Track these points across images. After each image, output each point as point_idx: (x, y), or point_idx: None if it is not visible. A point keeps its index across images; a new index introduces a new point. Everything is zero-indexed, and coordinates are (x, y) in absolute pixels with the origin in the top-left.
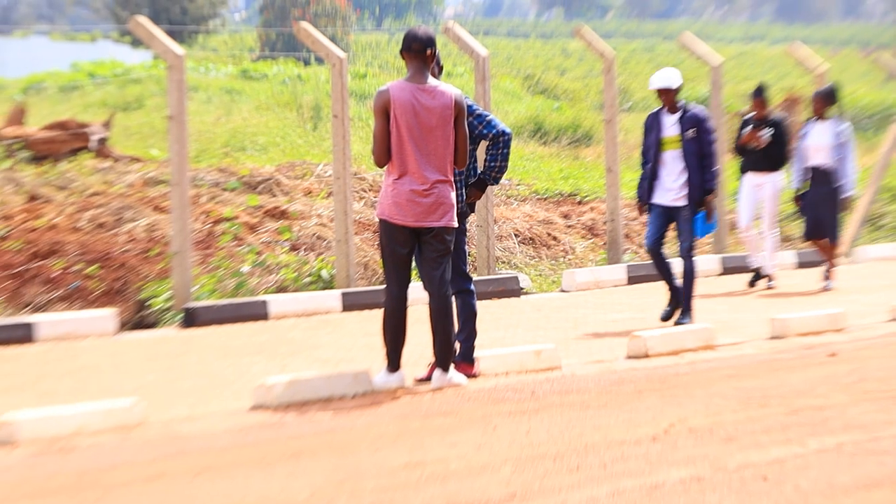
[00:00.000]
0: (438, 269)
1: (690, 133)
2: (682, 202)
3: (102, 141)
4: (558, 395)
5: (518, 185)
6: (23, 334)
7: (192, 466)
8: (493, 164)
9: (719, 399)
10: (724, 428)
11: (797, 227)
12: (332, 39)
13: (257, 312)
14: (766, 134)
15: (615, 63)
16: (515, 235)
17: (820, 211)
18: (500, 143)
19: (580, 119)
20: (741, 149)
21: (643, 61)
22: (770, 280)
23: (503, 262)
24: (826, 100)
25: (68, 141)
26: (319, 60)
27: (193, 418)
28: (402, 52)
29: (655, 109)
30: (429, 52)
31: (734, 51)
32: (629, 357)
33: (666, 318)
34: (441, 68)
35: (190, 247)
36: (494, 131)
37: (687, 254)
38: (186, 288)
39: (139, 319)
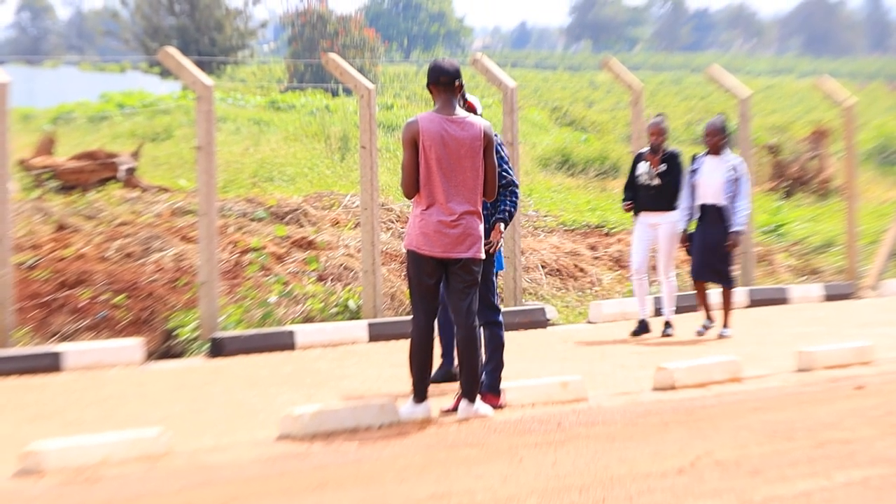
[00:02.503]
0: (465, 300)
1: None
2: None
3: (131, 171)
4: (584, 426)
5: (545, 216)
6: (50, 363)
7: (218, 496)
8: (503, 207)
9: (746, 432)
10: (750, 461)
11: (825, 260)
12: (361, 71)
13: (284, 342)
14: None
15: (643, 95)
16: (542, 267)
17: (711, 253)
18: (510, 192)
19: (607, 151)
20: (632, 186)
21: (671, 93)
22: (669, 327)
23: (530, 294)
24: (720, 133)
25: (97, 171)
26: (347, 91)
27: (220, 448)
28: (429, 84)
29: None
30: (457, 83)
31: (762, 84)
32: (656, 389)
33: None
34: (466, 102)
35: (217, 277)
36: (509, 178)
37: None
38: (213, 318)
39: (166, 349)
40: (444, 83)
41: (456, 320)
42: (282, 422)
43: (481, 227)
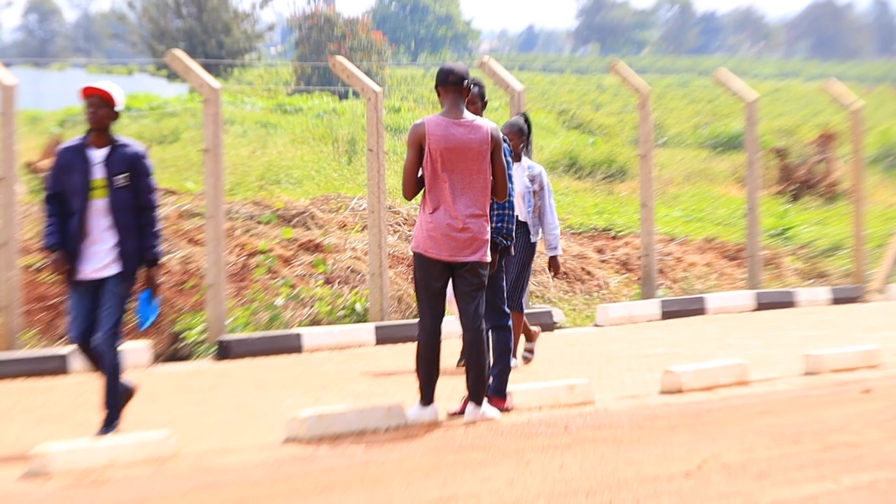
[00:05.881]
0: (472, 303)
1: (121, 179)
2: (111, 271)
3: None
4: (591, 430)
5: None
6: (57, 366)
7: (224, 499)
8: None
9: (753, 435)
10: (757, 464)
11: (832, 263)
12: (368, 73)
13: (291, 345)
14: None
15: (650, 98)
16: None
17: (510, 275)
18: (506, 205)
19: (615, 154)
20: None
21: (678, 96)
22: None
23: (537, 297)
24: (519, 135)
25: None
26: (355, 94)
27: (226, 451)
28: (437, 86)
29: (76, 141)
30: (465, 84)
31: (769, 87)
32: (662, 392)
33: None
34: (485, 104)
35: (224, 279)
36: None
37: (108, 341)
38: (220, 320)
39: (173, 352)
40: (452, 83)
41: (463, 323)
42: (288, 424)
43: (488, 231)
